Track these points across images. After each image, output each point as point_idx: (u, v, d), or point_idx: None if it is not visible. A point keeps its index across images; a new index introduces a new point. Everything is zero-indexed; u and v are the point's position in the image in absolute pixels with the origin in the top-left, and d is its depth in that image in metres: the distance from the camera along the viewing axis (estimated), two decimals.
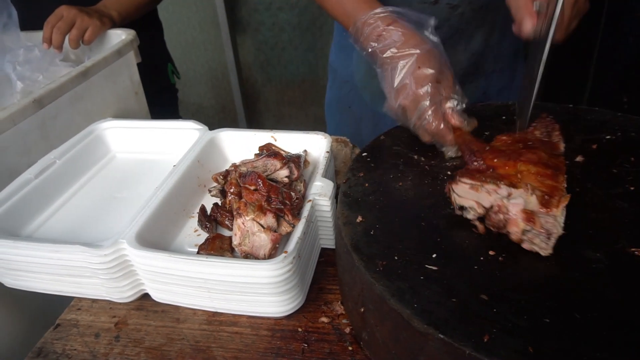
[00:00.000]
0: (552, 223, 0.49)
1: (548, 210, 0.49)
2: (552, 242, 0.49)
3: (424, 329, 0.43)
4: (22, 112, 0.80)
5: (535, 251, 0.50)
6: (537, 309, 0.44)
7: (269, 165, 0.69)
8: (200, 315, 0.64)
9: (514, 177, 0.53)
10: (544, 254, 0.50)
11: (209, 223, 0.69)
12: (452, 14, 0.89)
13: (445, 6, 0.88)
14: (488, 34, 0.96)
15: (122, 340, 0.63)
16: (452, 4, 0.88)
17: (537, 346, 0.40)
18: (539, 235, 0.49)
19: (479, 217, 0.55)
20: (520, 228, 0.50)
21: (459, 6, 0.88)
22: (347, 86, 1.09)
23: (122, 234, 0.60)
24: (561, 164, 0.55)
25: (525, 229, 0.50)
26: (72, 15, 1.06)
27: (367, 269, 0.50)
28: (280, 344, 0.59)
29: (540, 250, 0.50)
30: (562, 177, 0.53)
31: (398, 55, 0.67)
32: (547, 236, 0.49)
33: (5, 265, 0.66)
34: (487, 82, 1.02)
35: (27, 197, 0.73)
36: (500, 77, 1.03)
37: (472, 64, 0.98)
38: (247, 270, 0.55)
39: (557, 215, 0.49)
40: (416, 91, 0.66)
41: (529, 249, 0.51)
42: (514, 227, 0.51)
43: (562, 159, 0.57)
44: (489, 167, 0.56)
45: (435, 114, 0.66)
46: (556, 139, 0.61)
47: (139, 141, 0.89)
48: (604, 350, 0.40)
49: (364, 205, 0.60)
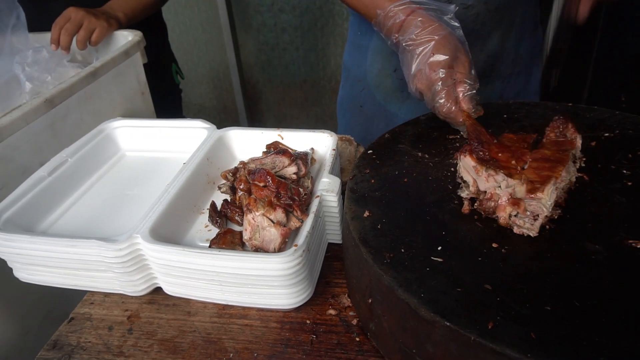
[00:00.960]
0: (536, 205, 0.53)
1: (533, 197, 0.53)
2: (538, 223, 0.53)
3: (431, 317, 0.45)
4: (34, 112, 0.82)
5: (525, 234, 0.54)
6: (538, 297, 0.46)
7: (277, 162, 0.71)
8: (211, 308, 0.66)
9: (514, 169, 0.56)
10: (532, 234, 0.53)
11: (219, 219, 0.70)
12: (467, 15, 0.89)
13: (459, 6, 0.87)
14: (504, 35, 0.95)
15: (135, 333, 0.65)
16: (466, 4, 0.88)
17: (539, 332, 0.42)
18: (524, 217, 0.53)
19: (471, 198, 0.59)
20: (507, 212, 0.54)
21: (474, 6, 0.88)
22: (359, 85, 1.10)
23: (136, 229, 0.62)
24: (564, 157, 0.58)
25: (512, 214, 0.54)
26: (79, 16, 1.08)
27: (375, 261, 0.52)
28: (289, 335, 0.61)
29: (529, 231, 0.53)
30: (560, 168, 0.56)
31: (417, 42, 0.72)
32: (534, 217, 0.53)
33: (22, 260, 0.68)
34: (504, 85, 1.01)
35: (41, 194, 0.75)
36: (517, 80, 1.03)
37: (488, 66, 0.98)
38: (259, 263, 0.57)
39: (542, 198, 0.52)
40: (429, 76, 0.71)
41: (519, 232, 0.54)
42: (501, 212, 0.55)
43: (568, 154, 0.59)
44: (492, 159, 0.59)
45: (447, 97, 0.70)
46: (572, 136, 0.64)
47: (148, 140, 0.91)
48: (602, 336, 0.42)
49: (371, 200, 0.62)
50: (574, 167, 0.62)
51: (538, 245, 0.52)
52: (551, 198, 0.53)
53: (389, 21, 0.75)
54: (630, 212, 0.55)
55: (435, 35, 0.71)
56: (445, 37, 0.71)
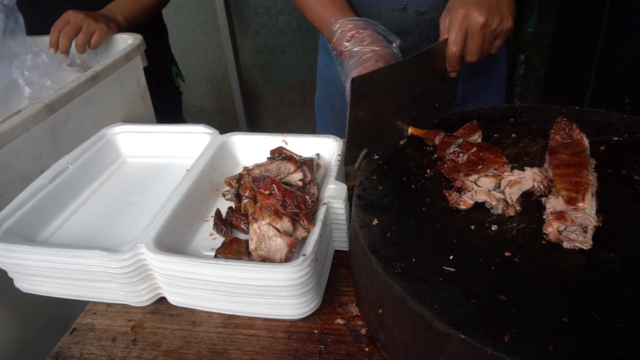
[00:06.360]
0: (582, 217, 0.51)
1: (575, 208, 0.51)
2: (589, 234, 0.51)
3: (445, 329, 0.44)
4: (34, 118, 0.80)
5: (577, 248, 0.52)
6: (554, 308, 0.45)
7: (283, 169, 0.70)
8: (216, 318, 0.65)
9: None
10: (586, 247, 0.51)
11: (224, 227, 0.69)
12: (421, 20, 0.94)
13: (413, 12, 0.93)
14: None
15: (140, 344, 0.63)
16: (419, 11, 0.93)
17: (556, 345, 0.41)
18: (574, 230, 0.51)
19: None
20: (555, 227, 0.52)
21: (427, 12, 0.92)
22: (330, 86, 1.16)
23: (139, 238, 0.61)
24: (584, 160, 0.57)
25: (560, 228, 0.52)
26: (78, 20, 1.06)
27: (386, 271, 0.51)
28: (297, 345, 0.60)
29: (581, 244, 0.51)
30: (585, 172, 0.55)
31: (363, 50, 0.76)
32: (584, 229, 0.51)
33: (22, 270, 0.66)
34: (464, 86, 1.04)
35: (41, 202, 0.74)
36: (477, 80, 1.06)
37: None
38: (267, 273, 0.55)
39: (585, 208, 0.51)
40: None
41: (570, 247, 0.52)
42: (549, 228, 0.53)
43: (584, 155, 0.59)
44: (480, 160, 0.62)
45: None
46: (577, 136, 0.63)
47: (150, 146, 0.90)
48: (621, 348, 0.41)
49: (379, 207, 0.61)
50: (592, 168, 0.61)
51: (551, 254, 0.52)
52: (593, 206, 0.52)
53: (341, 30, 0.80)
54: None
55: (378, 48, 0.76)
56: (389, 54, 0.76)
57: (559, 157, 0.58)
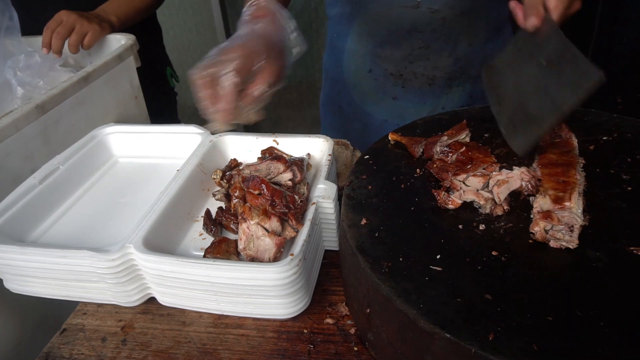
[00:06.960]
0: (569, 216, 0.51)
1: (561, 207, 0.51)
2: (576, 234, 0.51)
3: (431, 328, 0.44)
4: (25, 118, 0.80)
5: (563, 247, 0.52)
6: (540, 307, 0.45)
7: (272, 169, 0.70)
8: (206, 318, 0.65)
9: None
10: (572, 246, 0.51)
11: (214, 227, 0.69)
12: (434, 19, 0.91)
13: (426, 10, 0.90)
14: (473, 39, 0.97)
15: (129, 344, 0.63)
16: (433, 9, 0.90)
17: (541, 344, 0.42)
18: (561, 230, 0.51)
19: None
20: (542, 227, 0.52)
21: (441, 10, 0.90)
22: (337, 86, 1.14)
23: (128, 238, 0.61)
24: (572, 160, 0.57)
25: (546, 228, 0.52)
26: (71, 20, 1.06)
27: (373, 270, 0.51)
28: (286, 345, 0.60)
29: (568, 243, 0.51)
30: (573, 171, 0.55)
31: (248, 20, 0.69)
32: (570, 229, 0.51)
33: (12, 271, 0.66)
34: (473, 86, 1.04)
35: (31, 202, 0.73)
36: None
37: (458, 68, 1.00)
38: (255, 273, 0.55)
39: (572, 207, 0.51)
40: (226, 55, 0.66)
41: (557, 246, 0.52)
42: (535, 227, 0.53)
43: (573, 154, 0.59)
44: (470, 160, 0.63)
45: (228, 82, 0.64)
46: (566, 135, 0.63)
47: (141, 146, 0.90)
48: (606, 347, 0.41)
49: (368, 207, 0.61)
50: (580, 167, 0.61)
51: (538, 253, 0.52)
52: (579, 205, 0.52)
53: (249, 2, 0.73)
54: (631, 218, 0.55)
55: (260, 25, 0.68)
56: (265, 38, 0.67)
57: (547, 156, 0.59)
